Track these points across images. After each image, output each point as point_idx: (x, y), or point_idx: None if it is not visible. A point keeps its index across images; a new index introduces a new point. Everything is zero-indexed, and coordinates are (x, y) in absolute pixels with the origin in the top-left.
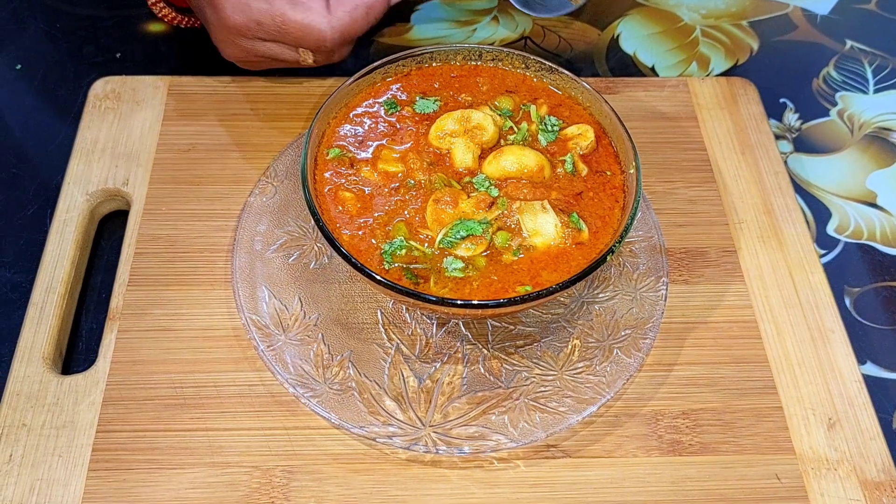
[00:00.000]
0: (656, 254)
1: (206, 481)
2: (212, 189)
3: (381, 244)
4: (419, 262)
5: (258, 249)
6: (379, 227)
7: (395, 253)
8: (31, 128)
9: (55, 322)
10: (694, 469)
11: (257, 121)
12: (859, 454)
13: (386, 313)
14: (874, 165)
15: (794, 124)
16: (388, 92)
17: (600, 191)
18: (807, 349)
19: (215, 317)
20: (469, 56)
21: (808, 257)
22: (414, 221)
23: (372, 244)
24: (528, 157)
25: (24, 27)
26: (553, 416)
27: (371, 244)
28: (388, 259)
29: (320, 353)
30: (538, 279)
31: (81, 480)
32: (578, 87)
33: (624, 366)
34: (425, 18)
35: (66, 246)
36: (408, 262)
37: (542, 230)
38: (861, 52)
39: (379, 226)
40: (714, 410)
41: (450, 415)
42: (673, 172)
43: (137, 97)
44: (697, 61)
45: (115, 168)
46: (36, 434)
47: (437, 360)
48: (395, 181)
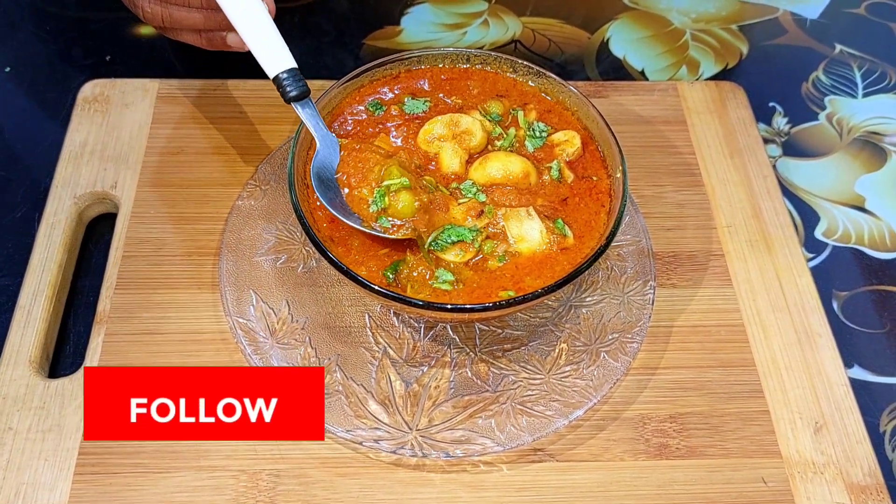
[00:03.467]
0: (644, 257)
1: (192, 485)
2: (200, 192)
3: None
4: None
5: (246, 253)
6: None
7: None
8: (20, 130)
9: (42, 325)
10: (681, 473)
11: (246, 124)
12: (846, 458)
13: (374, 317)
14: (863, 169)
15: (783, 128)
16: (376, 94)
17: (586, 196)
18: (794, 353)
19: (202, 320)
20: (457, 60)
21: (796, 261)
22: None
23: None
24: (514, 164)
25: (14, 29)
26: (540, 420)
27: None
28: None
29: (307, 356)
30: (521, 285)
31: (67, 484)
32: (566, 91)
33: (611, 369)
34: (415, 22)
35: (53, 249)
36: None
37: (528, 236)
38: (850, 57)
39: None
40: (701, 414)
41: (436, 419)
42: (661, 176)
43: (126, 100)
44: (687, 65)
45: (103, 171)
46: (22, 437)
47: (425, 363)
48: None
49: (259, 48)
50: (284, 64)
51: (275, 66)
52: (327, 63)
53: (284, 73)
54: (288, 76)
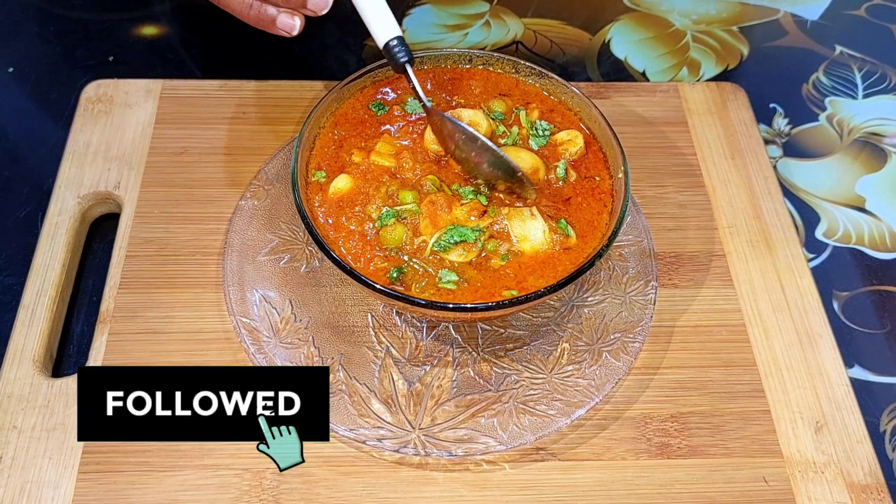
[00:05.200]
0: (646, 258)
1: (196, 483)
2: (203, 192)
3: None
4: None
5: (249, 253)
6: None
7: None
8: (24, 131)
9: (46, 325)
10: (682, 472)
11: (249, 124)
12: (846, 457)
13: (376, 316)
14: (863, 170)
15: (783, 129)
16: (379, 95)
17: (589, 196)
18: (795, 353)
19: (206, 320)
20: (459, 60)
21: (797, 261)
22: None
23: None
24: (525, 158)
25: (17, 30)
26: (542, 420)
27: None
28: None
29: (310, 356)
30: (524, 284)
31: (72, 482)
32: (568, 92)
33: (613, 369)
34: (417, 23)
35: (57, 249)
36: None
37: (530, 236)
38: (850, 58)
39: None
40: (702, 414)
41: (439, 418)
42: (663, 177)
43: (130, 100)
44: (688, 66)
45: (106, 171)
46: (27, 436)
47: (427, 363)
48: (386, 174)
49: (371, 15)
50: (393, 31)
51: (385, 34)
52: (330, 64)
53: (394, 39)
54: (398, 43)
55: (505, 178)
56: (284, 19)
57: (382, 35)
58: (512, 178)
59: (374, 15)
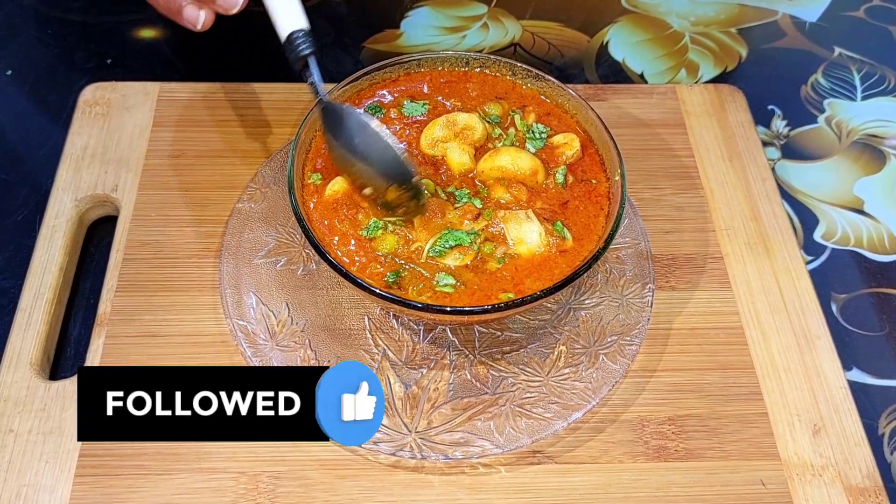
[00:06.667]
0: (643, 260)
1: (192, 487)
2: (200, 195)
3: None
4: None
5: (246, 255)
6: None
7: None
8: (21, 133)
9: (43, 327)
10: (679, 475)
11: (246, 127)
12: (844, 460)
13: (373, 319)
14: (861, 172)
15: (781, 131)
16: (376, 97)
17: (585, 199)
18: (793, 355)
19: (203, 323)
20: (456, 63)
21: (795, 264)
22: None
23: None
24: (524, 160)
25: (15, 32)
26: (538, 422)
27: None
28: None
29: (307, 358)
30: (521, 287)
31: (68, 486)
32: (564, 95)
33: (610, 372)
34: (415, 25)
35: (54, 251)
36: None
37: (527, 238)
38: (849, 60)
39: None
40: (700, 416)
41: (435, 421)
42: (660, 179)
43: (127, 103)
44: (686, 68)
45: (104, 174)
46: (23, 439)
47: (424, 366)
48: None
49: (276, 4)
50: (300, 23)
51: (290, 25)
52: (327, 66)
53: (299, 31)
54: (303, 35)
55: (398, 184)
56: (190, 11)
57: (287, 26)
58: (406, 185)
59: (280, 4)
